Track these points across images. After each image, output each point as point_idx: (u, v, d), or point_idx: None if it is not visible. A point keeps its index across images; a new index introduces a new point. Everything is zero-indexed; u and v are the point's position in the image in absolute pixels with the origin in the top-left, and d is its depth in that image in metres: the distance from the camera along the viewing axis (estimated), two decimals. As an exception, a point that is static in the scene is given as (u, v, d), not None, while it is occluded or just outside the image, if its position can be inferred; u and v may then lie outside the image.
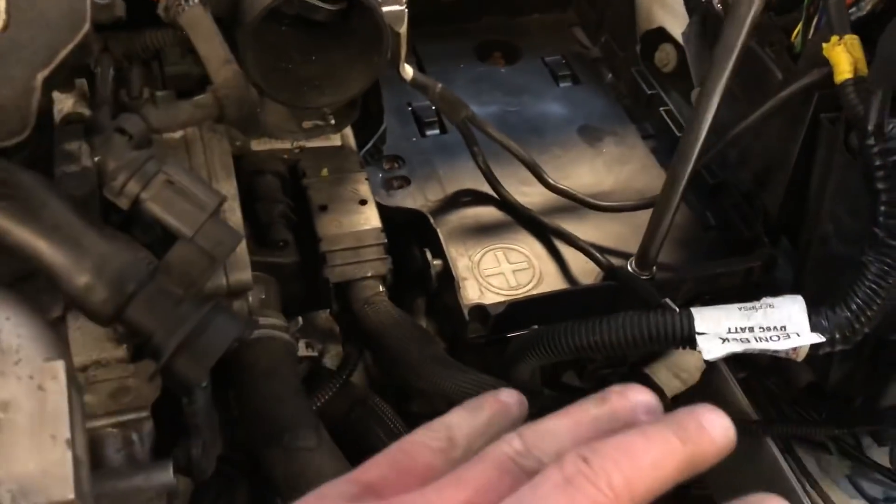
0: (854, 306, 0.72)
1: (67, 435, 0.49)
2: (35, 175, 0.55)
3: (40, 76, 0.50)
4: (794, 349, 0.72)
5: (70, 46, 0.52)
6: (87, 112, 0.69)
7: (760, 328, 0.72)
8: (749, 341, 0.72)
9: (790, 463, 0.99)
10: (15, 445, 0.48)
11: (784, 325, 0.72)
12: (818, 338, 0.71)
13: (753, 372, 1.03)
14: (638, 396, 0.34)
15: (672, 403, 1.00)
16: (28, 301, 0.56)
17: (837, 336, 0.72)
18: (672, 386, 0.97)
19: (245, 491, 0.81)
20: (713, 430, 0.32)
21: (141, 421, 0.64)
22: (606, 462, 0.29)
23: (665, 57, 1.18)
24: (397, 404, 0.92)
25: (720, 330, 0.72)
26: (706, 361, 0.92)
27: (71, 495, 0.47)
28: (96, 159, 0.56)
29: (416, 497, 0.30)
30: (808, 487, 0.95)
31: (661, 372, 0.97)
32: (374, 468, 0.33)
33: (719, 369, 1.01)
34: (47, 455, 0.48)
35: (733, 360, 1.02)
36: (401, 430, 0.87)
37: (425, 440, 0.34)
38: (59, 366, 0.50)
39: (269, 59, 0.68)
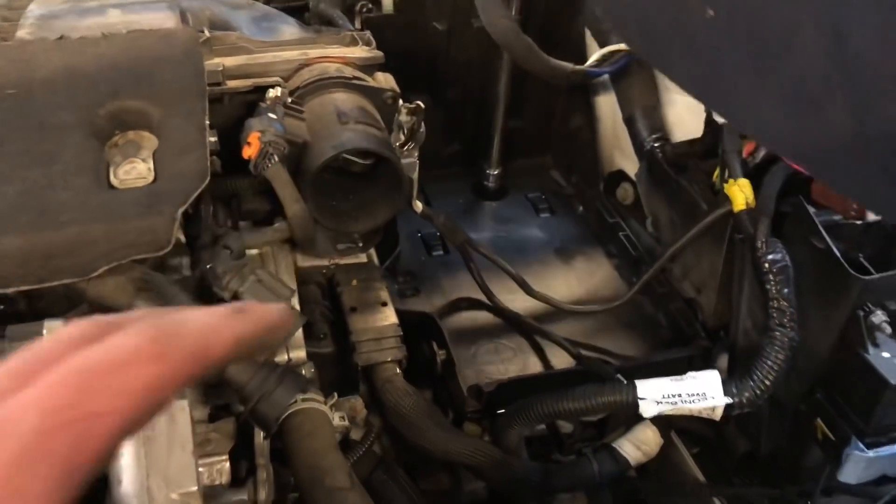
0: (755, 377, 0.95)
1: (192, 448, 0.72)
2: (164, 276, 0.80)
3: (179, 211, 0.76)
4: (712, 409, 0.95)
5: (199, 191, 0.78)
6: (181, 237, 0.94)
7: (687, 394, 0.95)
8: (677, 403, 0.95)
9: (737, 522, 1.18)
10: (159, 454, 0.71)
11: (704, 391, 0.95)
12: (728, 400, 0.94)
13: (704, 448, 1.25)
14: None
15: (636, 472, 1.21)
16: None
17: (744, 400, 0.95)
18: (635, 457, 1.17)
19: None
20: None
21: (221, 462, 0.87)
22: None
23: (624, 193, 1.46)
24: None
25: (656, 396, 0.95)
26: (663, 437, 1.15)
27: (195, 486, 0.70)
28: (208, 266, 0.81)
29: None
30: (751, 540, 1.15)
31: (626, 445, 1.17)
32: None
33: (675, 444, 1.22)
34: (180, 460, 0.71)
35: (687, 436, 1.24)
36: (411, 488, 1.09)
37: None
38: (185, 402, 0.74)
39: (321, 198, 0.94)
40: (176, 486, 0.69)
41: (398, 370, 1.06)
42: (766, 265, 0.95)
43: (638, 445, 1.17)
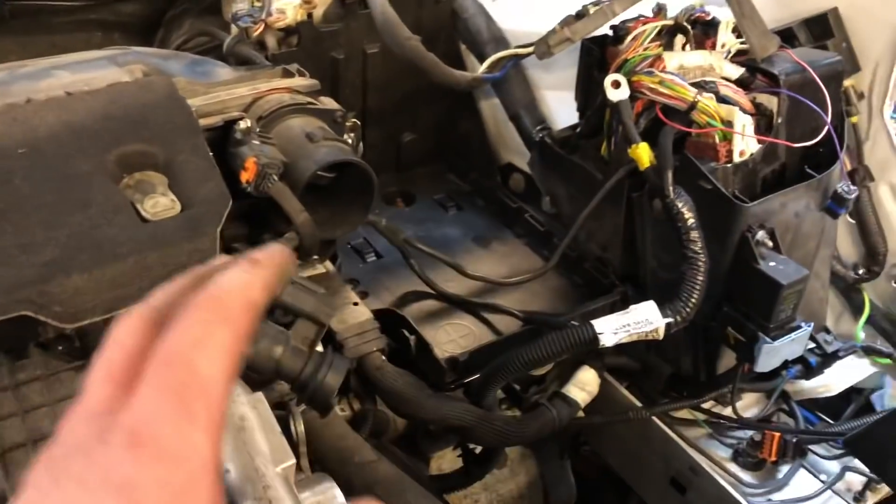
0: (683, 297, 1.17)
1: (279, 429, 0.81)
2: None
3: (218, 229, 0.86)
4: (656, 330, 1.15)
5: (227, 211, 0.87)
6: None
7: (634, 322, 1.15)
8: (629, 331, 1.14)
9: (673, 433, 1.40)
10: (256, 440, 0.80)
11: (646, 318, 1.15)
12: (669, 319, 1.15)
13: (632, 380, 1.46)
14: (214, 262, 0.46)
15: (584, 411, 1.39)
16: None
17: (678, 318, 1.16)
18: (582, 398, 1.35)
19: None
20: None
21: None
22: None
23: (516, 182, 1.66)
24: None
25: (612, 328, 1.14)
26: (600, 373, 1.35)
27: (293, 461, 0.80)
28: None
29: None
30: (688, 445, 1.36)
31: (573, 390, 1.36)
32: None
33: (609, 381, 1.42)
34: (273, 441, 0.80)
35: (617, 373, 1.44)
36: (409, 463, 1.21)
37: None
38: (260, 394, 0.83)
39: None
40: (278, 462, 0.78)
41: (384, 357, 1.18)
42: (676, 207, 1.17)
43: (582, 387, 1.36)
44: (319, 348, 1.02)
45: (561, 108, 1.55)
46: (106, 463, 0.34)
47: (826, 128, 1.25)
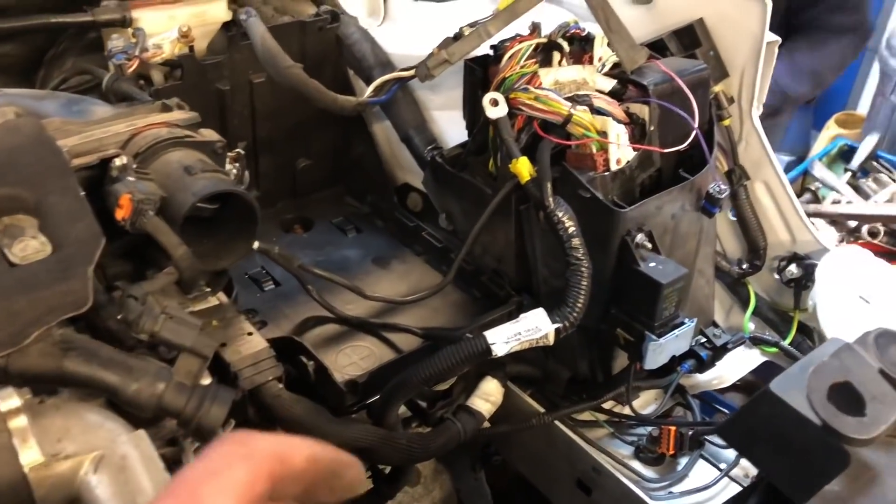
0: (569, 303, 1.20)
1: (162, 467, 0.81)
2: (81, 335, 0.88)
3: (90, 269, 0.85)
4: (546, 336, 1.18)
5: (99, 250, 0.87)
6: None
7: (524, 330, 1.18)
8: (520, 339, 1.17)
9: (575, 436, 1.44)
10: (137, 477, 0.79)
11: (536, 325, 1.19)
12: (557, 325, 1.18)
13: (536, 388, 1.49)
14: None
15: (489, 421, 1.42)
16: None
17: (567, 323, 1.20)
18: (486, 409, 1.38)
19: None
20: None
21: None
22: None
23: (414, 201, 1.69)
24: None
25: (503, 338, 1.17)
26: (502, 382, 1.37)
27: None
28: (119, 317, 0.90)
29: None
30: (590, 446, 1.40)
31: (477, 402, 1.38)
32: None
33: (513, 390, 1.45)
34: (158, 478, 0.80)
35: (521, 381, 1.48)
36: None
37: None
38: (142, 431, 0.83)
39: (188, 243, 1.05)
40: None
41: (281, 385, 1.18)
42: (557, 217, 1.21)
43: (486, 398, 1.38)
44: (208, 380, 1.04)
45: (451, 127, 1.59)
46: None
47: (694, 132, 1.32)
